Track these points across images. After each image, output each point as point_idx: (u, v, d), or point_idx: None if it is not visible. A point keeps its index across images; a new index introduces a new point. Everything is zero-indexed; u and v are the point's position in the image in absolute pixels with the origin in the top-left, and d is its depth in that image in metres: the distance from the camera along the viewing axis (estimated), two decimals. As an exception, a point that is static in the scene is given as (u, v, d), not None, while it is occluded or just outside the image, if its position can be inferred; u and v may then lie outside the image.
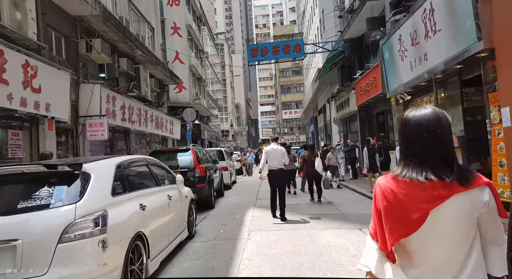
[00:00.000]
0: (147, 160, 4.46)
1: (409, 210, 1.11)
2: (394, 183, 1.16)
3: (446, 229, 1.11)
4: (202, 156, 9.18)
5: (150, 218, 3.72)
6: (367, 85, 11.93)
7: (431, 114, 1.18)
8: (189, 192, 5.79)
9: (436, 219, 1.09)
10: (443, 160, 1.13)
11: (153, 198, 4.01)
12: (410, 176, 1.13)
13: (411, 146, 1.17)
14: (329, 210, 7.52)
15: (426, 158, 1.14)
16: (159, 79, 15.26)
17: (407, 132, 1.20)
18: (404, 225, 1.11)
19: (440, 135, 1.15)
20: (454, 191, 1.08)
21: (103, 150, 9.80)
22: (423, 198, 1.10)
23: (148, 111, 12.14)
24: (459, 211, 1.10)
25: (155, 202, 4.03)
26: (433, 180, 1.10)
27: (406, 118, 1.21)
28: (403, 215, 1.11)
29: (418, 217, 1.09)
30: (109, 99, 8.94)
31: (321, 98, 25.50)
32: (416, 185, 1.12)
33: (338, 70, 17.19)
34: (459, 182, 1.09)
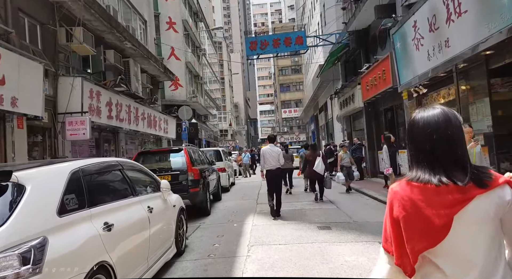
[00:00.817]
0: (121, 163, 3.59)
1: (431, 217, 1.01)
2: (409, 189, 1.07)
3: (472, 235, 1.03)
4: (196, 156, 8.31)
5: (119, 240, 2.85)
6: (375, 80, 11.08)
7: (440, 114, 1.11)
8: (178, 200, 4.92)
9: (460, 225, 1.02)
10: (455, 162, 1.06)
11: (125, 212, 3.14)
12: (423, 179, 1.05)
13: (420, 149, 1.10)
14: (339, 217, 6.66)
15: (437, 161, 1.06)
16: (152, 75, 14.37)
17: (415, 135, 1.13)
18: (428, 235, 1.02)
19: (450, 136, 1.08)
20: (473, 194, 1.01)
21: (88, 151, 8.93)
22: (443, 203, 1.02)
23: (139, 108, 11.26)
24: (483, 214, 1.03)
25: (129, 218, 3.16)
26: (447, 184, 1.03)
27: (413, 120, 1.14)
28: (425, 224, 1.02)
29: (442, 224, 1.01)
30: (92, 95, 8.06)
31: (323, 96, 24.65)
32: (431, 189, 1.03)
33: (341, 65, 16.34)
34: (475, 184, 1.02)
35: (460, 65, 6.64)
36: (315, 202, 8.57)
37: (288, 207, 8.09)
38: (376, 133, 12.59)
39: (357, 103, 13.11)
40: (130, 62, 11.01)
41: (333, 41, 13.28)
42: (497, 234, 1.06)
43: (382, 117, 12.34)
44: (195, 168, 7.36)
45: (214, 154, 12.70)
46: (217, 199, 10.09)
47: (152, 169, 7.06)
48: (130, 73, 10.96)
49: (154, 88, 14.74)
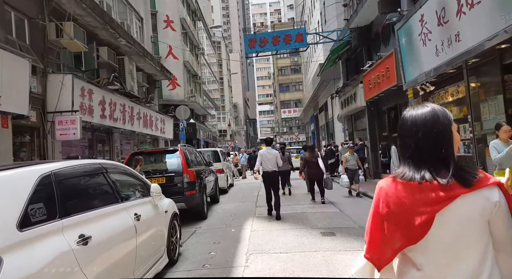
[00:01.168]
0: (104, 166, 3.21)
1: (414, 214, 1.01)
2: (394, 186, 1.08)
3: (454, 235, 1.01)
4: (193, 157, 7.94)
5: (98, 254, 2.48)
6: (378, 78, 10.73)
7: (428, 113, 1.10)
8: (171, 205, 4.56)
9: (442, 223, 1.00)
10: (440, 160, 1.06)
11: (107, 222, 2.77)
12: (407, 176, 1.06)
13: (407, 147, 1.11)
14: (343, 221, 6.29)
15: (422, 158, 1.07)
16: (149, 74, 13.99)
17: (403, 132, 1.13)
18: (409, 232, 1.02)
19: (436, 134, 1.07)
20: (457, 193, 1.00)
21: (80, 152, 8.55)
22: (425, 200, 1.01)
23: (135, 108, 10.90)
24: (467, 214, 1.01)
25: (111, 228, 2.79)
26: (431, 181, 1.02)
27: (402, 118, 1.14)
28: (407, 221, 1.02)
29: (423, 221, 1.00)
30: (84, 93, 7.69)
31: (323, 95, 24.30)
32: (414, 186, 1.04)
33: (342, 63, 15.99)
34: (459, 183, 1.01)
35: (471, 61, 6.29)
36: (314, 203, 8.52)
37: (288, 210, 7.72)
38: (379, 133, 12.23)
39: (359, 103, 12.76)
40: (125, 60, 10.64)
41: (334, 39, 12.94)
42: (482, 236, 1.03)
43: (385, 116, 11.99)
44: (191, 170, 7.00)
45: (212, 155, 12.33)
46: (215, 201, 9.73)
47: (146, 170, 6.72)
48: (125, 72, 10.59)
49: (151, 87, 14.37)
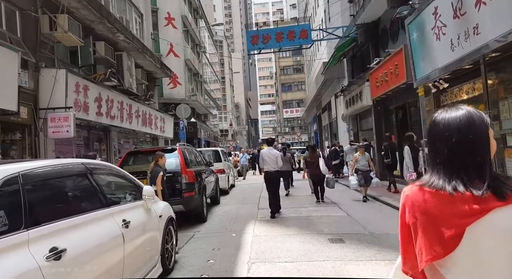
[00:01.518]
0: (88, 166, 2.83)
1: (443, 226, 0.95)
2: (421, 195, 1.00)
3: (485, 250, 0.93)
4: (192, 157, 7.57)
5: (73, 269, 2.10)
6: (386, 75, 10.31)
7: (463, 116, 1.01)
8: (166, 209, 4.17)
9: (474, 237, 0.93)
10: (475, 169, 0.97)
11: (87, 231, 2.39)
12: (436, 185, 0.98)
13: (438, 153, 1.01)
14: (352, 227, 5.89)
15: (454, 166, 0.98)
16: (149, 71, 13.64)
17: (433, 137, 1.04)
18: (437, 245, 0.95)
19: (471, 140, 0.98)
20: (491, 206, 0.92)
21: (75, 150, 8.19)
22: (456, 212, 0.94)
23: (133, 105, 10.53)
24: (501, 229, 0.92)
25: (92, 237, 2.41)
26: (463, 192, 0.94)
27: (434, 121, 1.05)
28: (435, 233, 0.96)
29: (453, 234, 0.93)
30: (78, 89, 7.33)
31: (326, 95, 23.89)
32: (444, 196, 0.96)
33: (347, 61, 15.59)
34: (494, 195, 0.93)
35: (490, 56, 5.88)
36: (318, 204, 8.41)
37: (292, 213, 7.33)
38: (387, 132, 11.80)
39: (365, 101, 12.35)
40: (123, 56, 10.28)
41: (340, 35, 12.53)
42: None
43: (392, 116, 11.57)
44: (190, 170, 6.62)
45: (213, 154, 11.96)
46: (215, 203, 9.35)
47: (142, 170, 6.34)
48: (123, 68, 10.23)
49: (150, 84, 14.01)
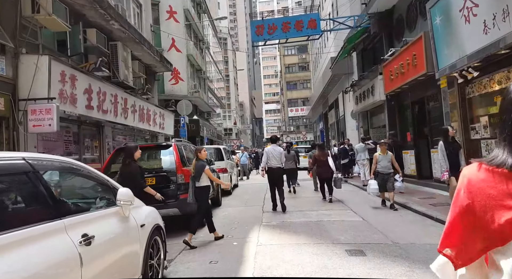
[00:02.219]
0: (32, 162, 2.08)
1: (500, 210, 0.81)
2: (478, 172, 0.87)
3: None
4: (189, 154, 6.83)
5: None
6: (402, 67, 9.49)
7: None
8: (151, 216, 3.43)
9: None
10: None
11: (15, 255, 1.65)
12: (497, 161, 0.85)
13: (504, 126, 0.88)
14: (371, 234, 5.11)
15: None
16: (147, 65, 12.93)
17: (501, 109, 0.92)
18: (495, 232, 0.82)
19: None
20: None
21: (62, 147, 7.49)
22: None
23: (129, 99, 9.81)
24: None
25: (23, 264, 1.66)
26: None
27: (507, 90, 0.91)
28: (492, 217, 0.82)
29: None
30: (64, 78, 6.61)
31: (333, 92, 23.06)
32: (504, 174, 0.83)
33: (357, 55, 14.75)
34: None
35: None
36: (328, 207, 7.87)
37: (301, 217, 6.57)
38: (401, 130, 10.98)
39: (378, 96, 11.52)
40: (118, 46, 9.57)
41: (351, 25, 11.72)
42: None
43: (408, 111, 10.72)
44: (186, 168, 5.88)
45: (215, 153, 11.22)
46: (217, 204, 8.60)
47: (132, 169, 5.60)
48: (118, 59, 9.52)
49: (149, 78, 13.31)
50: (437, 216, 5.80)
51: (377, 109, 12.97)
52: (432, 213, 6.05)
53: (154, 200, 5.06)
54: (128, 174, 4.70)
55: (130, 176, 4.66)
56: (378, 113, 13.17)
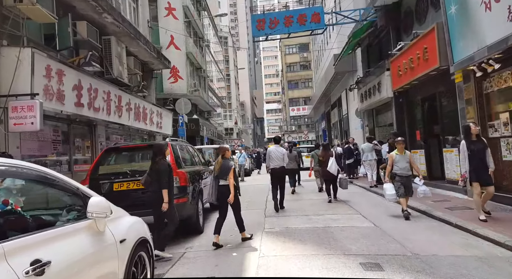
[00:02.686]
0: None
1: None
2: None
3: None
4: (186, 155, 6.33)
5: None
6: (411, 62, 8.96)
7: None
8: (134, 228, 2.93)
9: None
10: None
11: None
12: None
13: None
14: (387, 244, 4.59)
15: None
16: (144, 61, 12.44)
17: None
18: None
19: None
20: None
21: (50, 148, 7.00)
22: None
23: (124, 97, 9.32)
24: None
25: None
26: None
27: None
28: None
29: None
30: (50, 73, 6.12)
31: (336, 90, 22.55)
32: None
33: (362, 51, 14.23)
34: None
35: None
36: (329, 202, 8.11)
37: (306, 223, 6.06)
38: (409, 129, 10.46)
39: (385, 93, 11.00)
40: (112, 40, 9.08)
41: (356, 19, 11.20)
42: None
43: (417, 109, 10.19)
44: (182, 170, 5.37)
45: (214, 153, 10.72)
46: (216, 208, 8.10)
47: (122, 171, 5.13)
48: (111, 54, 9.03)
49: (146, 76, 12.83)
50: (457, 222, 5.28)
51: (383, 107, 12.44)
52: (449, 218, 5.53)
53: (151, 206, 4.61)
54: (156, 172, 4.43)
55: (157, 174, 4.43)
56: (384, 112, 12.64)
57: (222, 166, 4.87)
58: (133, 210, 5.14)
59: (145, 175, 4.59)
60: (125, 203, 5.19)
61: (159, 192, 4.39)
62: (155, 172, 4.45)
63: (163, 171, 4.42)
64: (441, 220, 5.70)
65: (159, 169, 4.42)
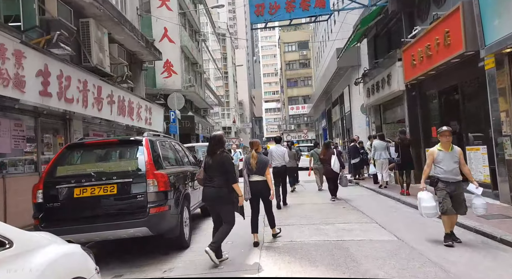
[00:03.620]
0: None
1: None
2: None
3: None
4: (168, 153, 5.28)
5: None
6: (429, 49, 7.95)
7: None
8: (59, 268, 1.87)
9: None
10: None
11: None
12: None
13: None
14: (424, 269, 3.55)
15: None
16: (132, 52, 11.41)
17: None
18: None
19: None
20: None
21: (8, 144, 5.93)
22: None
23: (104, 88, 8.26)
24: None
25: None
26: None
27: None
28: None
29: None
30: (4, 54, 5.06)
31: (338, 87, 21.56)
32: None
33: (368, 42, 13.21)
34: None
35: None
36: (332, 201, 8.02)
37: (314, 234, 5.04)
38: (424, 125, 9.46)
39: (396, 86, 9.98)
40: (91, 24, 8.03)
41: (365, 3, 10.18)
42: None
43: (434, 102, 9.17)
44: (161, 172, 4.32)
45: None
46: (207, 214, 7.09)
47: (85, 173, 4.09)
48: (90, 39, 7.98)
49: (135, 67, 11.78)
50: (502, 236, 4.27)
51: (392, 102, 11.43)
52: (491, 231, 4.52)
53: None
54: (220, 165, 3.98)
55: (221, 167, 3.98)
56: (393, 107, 11.63)
57: (260, 161, 4.67)
58: (101, 222, 4.16)
59: (200, 169, 4.22)
60: (89, 213, 4.21)
61: (224, 187, 3.97)
62: (218, 165, 3.98)
63: (229, 163, 4.02)
64: (478, 232, 4.69)
65: (224, 162, 3.99)
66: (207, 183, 4.08)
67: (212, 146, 4.09)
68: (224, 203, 3.99)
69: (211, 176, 4.02)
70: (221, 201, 3.99)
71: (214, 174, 3.99)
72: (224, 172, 3.96)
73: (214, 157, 4.02)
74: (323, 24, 27.03)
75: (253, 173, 4.64)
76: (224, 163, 3.97)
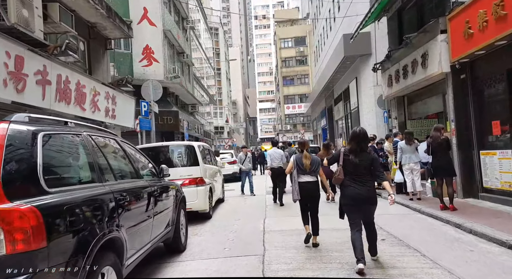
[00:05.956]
0: None
1: None
2: None
3: None
4: (81, 160, 2.72)
5: None
6: (496, 10, 5.53)
7: None
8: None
9: None
10: None
11: None
12: None
13: None
14: None
15: None
16: (92, 23, 8.83)
17: None
18: None
19: None
20: None
21: None
22: None
23: (30, 61, 5.65)
24: None
25: None
26: None
27: None
28: None
29: None
30: None
31: (342, 81, 19.20)
32: None
33: (389, 21, 10.82)
34: None
35: None
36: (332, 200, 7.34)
37: None
38: (477, 119, 7.02)
39: (435, 68, 7.56)
40: (9, -36, 5.44)
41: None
42: None
43: (495, 87, 6.68)
44: (26, 205, 1.77)
45: (185, 153, 7.11)
46: (176, 250, 4.55)
47: None
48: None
49: (95, 44, 9.19)
50: None
51: (423, 92, 9.02)
52: None
53: None
54: (370, 161, 3.71)
55: (371, 164, 3.72)
56: (424, 97, 9.24)
57: (313, 160, 4.65)
58: None
59: (339, 168, 3.79)
60: None
61: (373, 187, 3.79)
62: (368, 161, 3.70)
63: (376, 159, 3.85)
64: None
65: (373, 158, 3.79)
66: (351, 184, 3.76)
67: (359, 143, 3.76)
68: (374, 203, 3.83)
69: (359, 175, 3.72)
70: (372, 201, 3.80)
71: (361, 172, 3.71)
72: (373, 171, 3.73)
73: (362, 155, 3.72)
74: (324, 13, 24.73)
75: (306, 173, 4.62)
76: (372, 159, 3.76)
